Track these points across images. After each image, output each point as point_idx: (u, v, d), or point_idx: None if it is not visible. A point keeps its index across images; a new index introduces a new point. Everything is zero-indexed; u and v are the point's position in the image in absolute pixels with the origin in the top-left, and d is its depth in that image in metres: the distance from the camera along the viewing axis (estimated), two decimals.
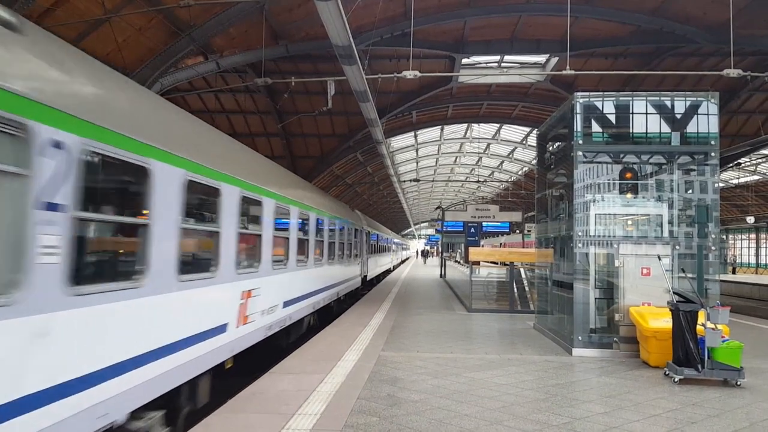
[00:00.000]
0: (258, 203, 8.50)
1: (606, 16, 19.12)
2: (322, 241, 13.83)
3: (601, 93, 10.70)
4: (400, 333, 11.47)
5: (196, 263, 6.52)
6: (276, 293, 9.54)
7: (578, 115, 10.03)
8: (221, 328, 7.03)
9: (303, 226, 11.74)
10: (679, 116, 10.04)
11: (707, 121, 9.93)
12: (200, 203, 6.66)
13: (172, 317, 5.78)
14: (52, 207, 3.92)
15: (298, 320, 11.46)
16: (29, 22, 4.25)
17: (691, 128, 10.02)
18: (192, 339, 6.15)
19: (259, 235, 8.59)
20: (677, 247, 10.06)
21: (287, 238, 10.31)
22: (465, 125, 36.67)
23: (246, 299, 7.90)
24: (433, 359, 8.90)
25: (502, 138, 40.04)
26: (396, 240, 53.66)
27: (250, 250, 8.39)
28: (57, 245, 3.96)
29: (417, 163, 47.80)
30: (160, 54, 16.35)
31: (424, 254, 69.37)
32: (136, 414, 5.07)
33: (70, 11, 13.62)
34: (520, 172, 49.89)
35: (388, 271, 39.09)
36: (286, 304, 10.28)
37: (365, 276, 24.02)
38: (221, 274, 6.93)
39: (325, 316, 14.95)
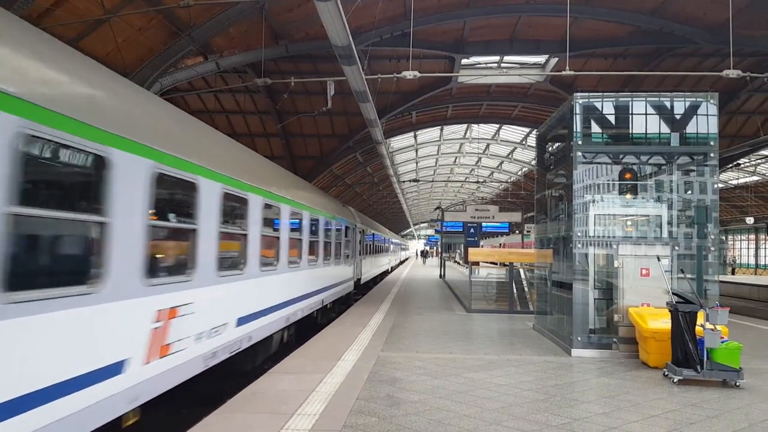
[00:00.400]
0: (190, 186, 6.27)
1: (605, 17, 19.12)
2: (301, 240, 11.54)
3: (601, 93, 10.72)
4: (399, 333, 11.47)
5: (49, 274, 4.32)
6: (224, 308, 7.37)
7: (578, 116, 10.04)
8: (113, 369, 4.78)
9: (271, 222, 9.48)
10: (678, 117, 10.04)
11: (706, 122, 9.94)
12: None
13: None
14: None
15: (266, 337, 9.32)
16: None
17: (690, 129, 10.03)
18: (39, 395, 3.93)
19: (193, 231, 6.33)
20: (676, 247, 10.07)
21: (245, 235, 8.11)
22: (465, 126, 36.67)
23: (165, 321, 5.65)
24: (432, 360, 8.90)
25: (501, 138, 40.05)
26: (395, 240, 52.60)
27: (173, 250, 6.30)
28: None
29: (417, 163, 47.81)
30: (160, 54, 16.35)
31: (424, 254, 69.06)
32: None
33: (69, 11, 13.62)
34: (519, 173, 49.90)
35: (385, 273, 38.57)
36: (243, 320, 8.00)
37: (359, 279, 22.29)
38: (111, 288, 4.69)
39: (307, 327, 12.82)
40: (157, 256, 5.74)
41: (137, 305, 5.15)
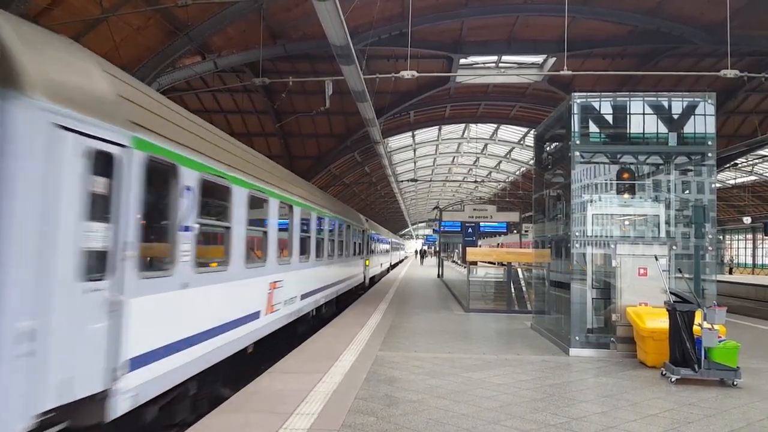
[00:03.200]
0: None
1: (603, 17, 19.15)
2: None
3: (599, 93, 10.72)
4: (397, 333, 11.47)
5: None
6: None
7: (575, 116, 10.04)
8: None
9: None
10: (676, 117, 10.05)
11: (704, 122, 9.94)
12: None
13: None
14: None
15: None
16: None
17: (688, 129, 10.04)
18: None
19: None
20: (674, 247, 10.08)
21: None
22: (463, 125, 36.73)
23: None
24: (430, 359, 8.91)
25: (499, 138, 40.11)
26: (393, 240, 52.14)
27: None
28: None
29: (415, 163, 47.85)
30: (158, 53, 16.34)
31: (422, 254, 68.30)
32: None
33: (67, 10, 13.60)
34: (517, 173, 49.99)
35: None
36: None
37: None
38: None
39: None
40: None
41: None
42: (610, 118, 10.23)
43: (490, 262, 20.99)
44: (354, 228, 20.17)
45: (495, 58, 23.96)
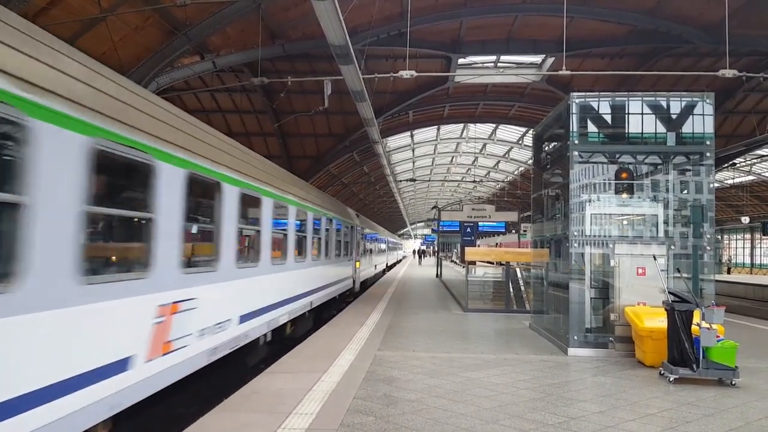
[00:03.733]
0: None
1: (602, 17, 19.16)
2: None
3: (597, 93, 10.73)
4: (396, 332, 11.47)
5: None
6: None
7: (574, 115, 10.04)
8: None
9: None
10: (674, 116, 10.06)
11: (702, 122, 9.95)
12: None
13: None
14: None
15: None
16: None
17: (686, 128, 10.05)
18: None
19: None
20: (672, 247, 10.09)
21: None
22: (461, 125, 36.72)
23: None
24: (429, 359, 8.91)
25: (498, 138, 40.13)
26: (389, 238, 50.54)
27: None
28: None
29: (413, 162, 47.84)
30: (156, 53, 16.32)
31: (420, 254, 67.49)
32: None
33: (65, 10, 13.58)
34: (516, 172, 49.99)
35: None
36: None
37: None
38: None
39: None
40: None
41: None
42: (608, 118, 10.24)
43: (488, 262, 20.98)
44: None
45: (494, 57, 23.96)
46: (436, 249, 49.21)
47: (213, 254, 6.94)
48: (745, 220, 46.99)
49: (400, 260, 67.58)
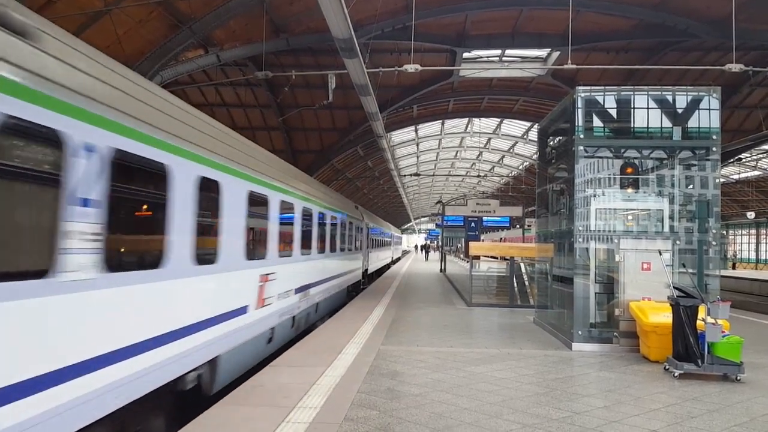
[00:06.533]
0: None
1: (608, 10, 19.05)
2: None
3: (603, 87, 10.65)
4: (400, 327, 11.48)
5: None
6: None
7: (579, 110, 9.99)
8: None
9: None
10: (680, 111, 9.99)
11: (709, 116, 9.89)
12: None
13: None
14: None
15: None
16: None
17: (692, 123, 9.98)
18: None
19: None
20: (678, 242, 10.05)
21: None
22: (466, 119, 36.65)
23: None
24: (433, 353, 8.91)
25: (502, 132, 40.02)
26: (394, 233, 47.08)
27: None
28: None
29: (417, 157, 47.78)
30: (161, 47, 16.32)
31: (426, 249, 61.74)
32: None
33: (70, 3, 13.58)
34: (520, 167, 49.88)
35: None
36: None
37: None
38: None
39: None
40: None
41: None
42: (614, 113, 10.18)
43: (492, 257, 20.97)
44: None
45: (499, 51, 23.87)
46: (439, 244, 48.99)
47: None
48: (751, 215, 46.81)
49: (397, 260, 60.11)
